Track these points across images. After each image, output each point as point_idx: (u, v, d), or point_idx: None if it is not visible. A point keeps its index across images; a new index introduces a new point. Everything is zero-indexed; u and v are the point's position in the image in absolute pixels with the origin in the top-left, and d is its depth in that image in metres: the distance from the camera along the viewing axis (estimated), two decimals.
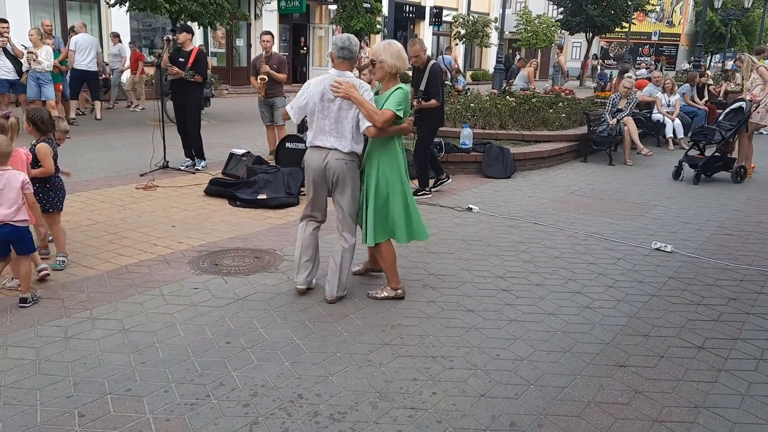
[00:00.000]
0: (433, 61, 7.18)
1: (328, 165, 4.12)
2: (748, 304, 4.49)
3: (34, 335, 3.65)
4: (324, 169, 4.13)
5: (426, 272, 4.92)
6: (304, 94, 4.17)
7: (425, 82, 6.99)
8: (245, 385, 3.19)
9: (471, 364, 3.49)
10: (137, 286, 4.43)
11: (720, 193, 8.15)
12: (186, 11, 12.84)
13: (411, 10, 30.38)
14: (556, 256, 5.42)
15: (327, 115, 4.09)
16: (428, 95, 7.00)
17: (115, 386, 3.14)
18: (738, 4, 39.03)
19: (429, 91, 7.00)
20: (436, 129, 7.38)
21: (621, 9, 31.22)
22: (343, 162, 4.12)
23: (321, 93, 4.09)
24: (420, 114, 7.06)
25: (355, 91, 4.01)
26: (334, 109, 4.07)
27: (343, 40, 4.13)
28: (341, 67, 4.14)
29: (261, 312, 4.07)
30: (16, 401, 2.99)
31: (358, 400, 3.10)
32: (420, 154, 7.37)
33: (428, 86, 6.99)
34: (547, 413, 3.04)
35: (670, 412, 3.09)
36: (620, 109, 10.40)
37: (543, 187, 8.27)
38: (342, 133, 4.09)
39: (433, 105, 6.98)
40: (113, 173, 8.10)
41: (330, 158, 4.11)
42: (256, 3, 22.58)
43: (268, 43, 8.81)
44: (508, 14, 25.66)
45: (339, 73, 4.12)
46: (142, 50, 19.98)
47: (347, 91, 4.01)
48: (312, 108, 4.13)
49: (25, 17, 15.80)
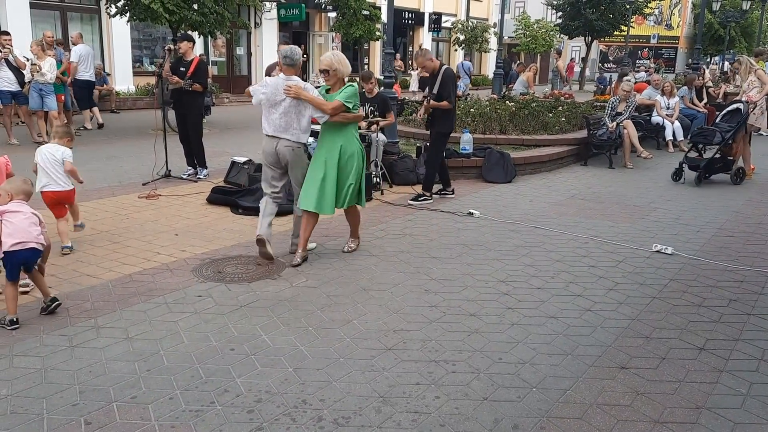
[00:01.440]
0: (445, 66, 7.26)
1: (279, 151, 5.14)
2: (749, 305, 4.51)
3: (40, 344, 3.68)
4: (276, 154, 5.16)
5: (428, 277, 4.95)
6: (264, 89, 5.16)
7: (438, 86, 7.09)
8: (249, 392, 3.21)
9: (473, 367, 3.51)
10: (141, 294, 4.47)
11: (720, 195, 8.17)
12: (186, 21, 12.93)
13: (410, 17, 30.49)
14: (557, 259, 5.45)
15: (278, 111, 5.09)
16: (440, 98, 7.07)
17: (121, 394, 3.16)
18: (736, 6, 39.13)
19: (441, 93, 7.08)
20: (448, 134, 7.40)
21: (619, 12, 31.29)
22: (291, 149, 5.14)
23: (274, 92, 5.07)
24: (431, 117, 7.16)
25: (304, 91, 5.01)
26: (284, 106, 5.08)
27: (287, 50, 5.16)
28: (288, 72, 5.14)
29: (264, 319, 4.10)
30: (23, 410, 3.02)
31: (361, 404, 3.12)
32: (431, 157, 7.41)
33: (440, 89, 7.09)
34: (550, 416, 3.06)
35: (671, 413, 3.11)
36: (620, 112, 10.43)
37: (543, 191, 8.30)
38: (290, 125, 5.11)
39: (444, 106, 7.06)
40: (115, 182, 8.14)
41: (280, 145, 5.13)
42: (256, 11, 22.68)
43: None
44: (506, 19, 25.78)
45: (287, 77, 5.11)
46: (143, 60, 20.14)
47: (297, 92, 5.00)
48: (266, 103, 5.13)
49: (27, 29, 15.91)
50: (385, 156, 8.36)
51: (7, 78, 10.54)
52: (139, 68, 19.70)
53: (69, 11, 17.87)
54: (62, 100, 11.86)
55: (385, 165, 8.24)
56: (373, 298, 4.50)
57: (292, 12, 23.53)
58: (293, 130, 5.13)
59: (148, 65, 19.85)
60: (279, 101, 5.08)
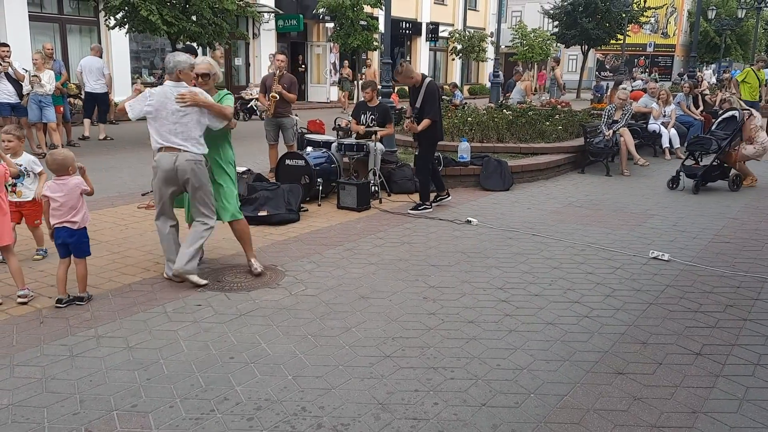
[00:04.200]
0: (429, 79, 7.29)
1: (179, 166, 4.63)
2: (745, 311, 4.53)
3: (40, 354, 3.70)
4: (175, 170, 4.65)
5: (426, 285, 4.97)
6: (150, 99, 4.65)
7: (421, 100, 7.13)
8: (249, 399, 3.23)
9: (472, 374, 3.54)
10: (141, 304, 4.49)
11: (717, 202, 8.21)
12: (185, 32, 13.00)
13: (408, 27, 30.63)
14: (554, 266, 5.48)
15: (170, 121, 4.62)
16: (422, 113, 7.12)
17: (121, 402, 3.18)
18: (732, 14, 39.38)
19: (423, 107, 7.11)
20: (436, 143, 7.46)
21: (616, 21, 31.50)
22: (194, 162, 4.66)
23: (163, 102, 4.61)
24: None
25: (201, 97, 4.62)
26: (178, 115, 4.62)
27: (167, 59, 4.80)
28: (173, 80, 4.70)
29: (263, 327, 4.12)
30: (24, 419, 3.03)
31: (360, 411, 3.14)
32: (421, 168, 7.46)
33: (422, 105, 7.13)
34: (548, 421, 3.09)
35: (668, 417, 3.13)
36: (616, 120, 10.49)
37: (541, 198, 8.34)
38: (189, 135, 4.65)
39: (426, 126, 7.11)
40: (114, 193, 8.18)
41: (180, 159, 4.63)
42: (254, 22, 22.79)
43: (282, 63, 8.78)
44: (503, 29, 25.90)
45: (174, 84, 4.68)
46: (142, 71, 20.21)
47: (194, 99, 4.58)
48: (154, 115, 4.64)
49: (26, 41, 15.99)
50: (384, 165, 8.41)
51: (6, 90, 10.58)
52: (138, 79, 19.77)
53: (68, 23, 17.96)
54: (61, 112, 11.91)
55: (384, 174, 8.29)
56: (371, 306, 4.52)
57: (290, 23, 23.67)
58: (193, 141, 4.68)
59: (147, 76, 19.93)
60: (171, 111, 4.61)
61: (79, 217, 4.44)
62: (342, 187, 7.51)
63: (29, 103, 10.83)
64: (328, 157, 8.10)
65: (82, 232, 4.49)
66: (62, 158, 4.41)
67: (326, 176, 7.84)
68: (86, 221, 4.53)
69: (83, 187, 4.49)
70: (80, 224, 4.46)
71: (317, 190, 7.61)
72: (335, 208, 7.51)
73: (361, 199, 7.40)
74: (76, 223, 4.43)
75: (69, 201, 4.40)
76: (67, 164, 4.41)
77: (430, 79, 7.32)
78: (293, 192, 7.11)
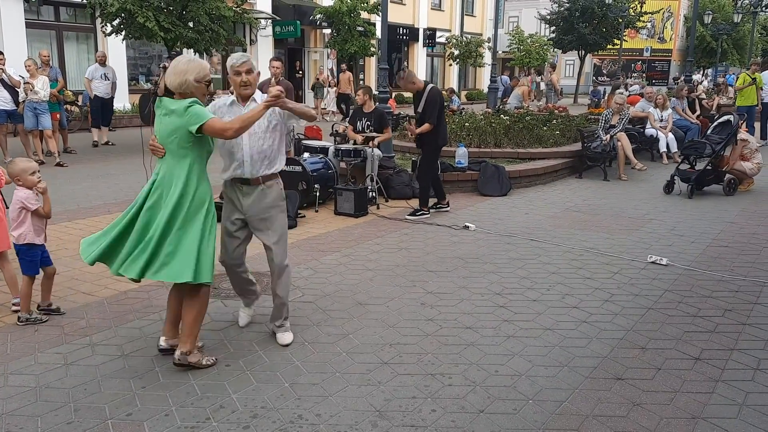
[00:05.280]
0: (431, 85, 7.36)
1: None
2: (744, 315, 4.52)
3: (34, 362, 3.66)
4: None
5: (424, 290, 4.95)
6: None
7: (422, 105, 7.21)
8: (245, 407, 3.20)
9: (470, 380, 3.51)
10: (136, 311, 4.46)
11: (714, 206, 8.20)
12: (182, 38, 12.99)
13: (405, 33, 30.69)
14: (552, 271, 5.46)
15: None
16: (423, 118, 7.19)
17: (116, 411, 3.15)
18: (728, 19, 39.52)
19: (424, 115, 7.19)
20: (439, 149, 7.50)
21: (612, 26, 31.59)
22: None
23: None
24: (421, 136, 7.26)
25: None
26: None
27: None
28: None
29: (260, 334, 4.10)
30: (17, 428, 3.00)
31: (357, 419, 3.11)
32: (424, 171, 7.45)
33: (424, 110, 7.24)
34: (546, 427, 3.06)
35: (668, 423, 3.11)
36: (613, 125, 10.49)
37: (539, 203, 8.33)
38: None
39: (425, 130, 7.15)
40: (111, 200, 8.15)
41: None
42: (251, 29, 22.80)
43: (278, 70, 8.76)
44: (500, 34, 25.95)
45: None
46: (139, 78, 20.21)
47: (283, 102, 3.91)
48: None
49: (23, 48, 15.99)
50: (381, 171, 8.40)
51: (2, 97, 10.56)
52: (135, 86, 19.78)
53: (65, 30, 17.97)
54: (57, 119, 11.88)
55: (381, 179, 8.27)
56: (369, 312, 4.50)
57: (287, 29, 23.67)
58: None
59: (144, 83, 19.92)
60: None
61: (17, 232, 4.14)
62: (339, 193, 7.49)
63: (25, 110, 10.80)
64: (325, 162, 8.09)
65: (20, 248, 4.19)
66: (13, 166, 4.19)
67: (323, 182, 7.82)
68: (24, 239, 4.14)
69: (26, 203, 4.12)
70: (17, 240, 4.16)
71: (314, 196, 7.59)
72: (332, 214, 7.49)
73: (358, 205, 7.39)
74: (14, 237, 4.17)
75: (11, 212, 4.18)
76: (14, 173, 4.17)
77: (432, 86, 7.40)
78: (290, 198, 7.06)
